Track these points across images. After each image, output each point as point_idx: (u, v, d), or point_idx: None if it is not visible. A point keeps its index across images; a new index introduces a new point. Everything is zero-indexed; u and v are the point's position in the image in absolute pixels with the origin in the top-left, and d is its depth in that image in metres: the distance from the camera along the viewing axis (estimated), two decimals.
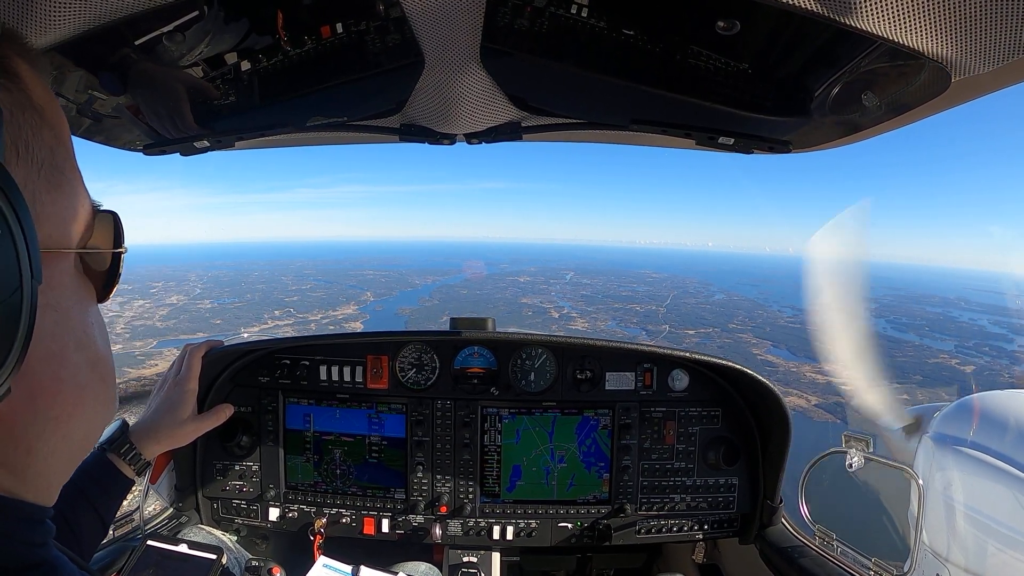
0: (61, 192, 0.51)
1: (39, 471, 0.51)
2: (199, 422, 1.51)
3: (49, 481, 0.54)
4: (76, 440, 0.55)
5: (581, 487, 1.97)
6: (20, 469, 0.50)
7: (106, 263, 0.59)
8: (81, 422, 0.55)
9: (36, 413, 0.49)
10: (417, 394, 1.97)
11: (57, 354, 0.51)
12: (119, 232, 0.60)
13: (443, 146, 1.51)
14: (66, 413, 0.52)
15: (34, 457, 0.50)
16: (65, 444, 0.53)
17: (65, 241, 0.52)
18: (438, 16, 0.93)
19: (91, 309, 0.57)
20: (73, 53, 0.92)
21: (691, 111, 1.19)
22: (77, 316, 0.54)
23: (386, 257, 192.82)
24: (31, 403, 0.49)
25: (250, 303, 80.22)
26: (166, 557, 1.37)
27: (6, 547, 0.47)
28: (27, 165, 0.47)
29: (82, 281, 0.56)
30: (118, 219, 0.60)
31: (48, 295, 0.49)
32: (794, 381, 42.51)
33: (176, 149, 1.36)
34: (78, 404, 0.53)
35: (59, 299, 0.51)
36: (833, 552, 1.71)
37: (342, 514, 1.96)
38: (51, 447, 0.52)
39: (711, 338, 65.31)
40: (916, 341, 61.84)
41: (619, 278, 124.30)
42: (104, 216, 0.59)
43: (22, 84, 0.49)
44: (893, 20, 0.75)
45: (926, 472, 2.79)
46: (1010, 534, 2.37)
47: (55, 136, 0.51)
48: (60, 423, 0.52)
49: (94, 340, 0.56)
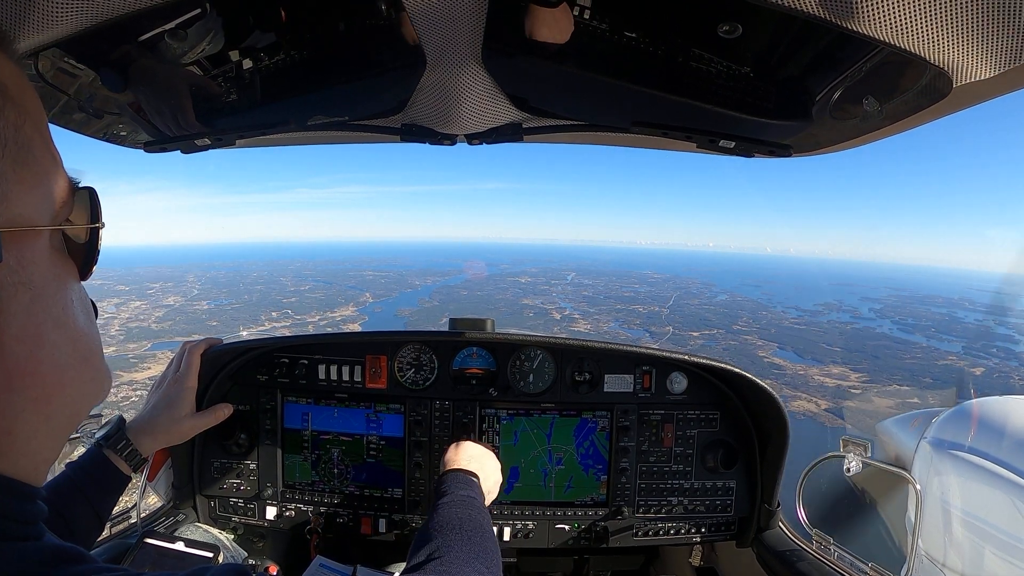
0: (29, 170, 0.51)
1: (22, 451, 0.51)
2: (197, 420, 1.50)
3: (34, 462, 0.53)
4: (59, 421, 0.55)
5: (579, 489, 1.96)
6: (2, 449, 0.49)
7: (83, 239, 0.58)
8: (64, 402, 0.54)
9: (12, 392, 0.49)
10: (416, 394, 1.97)
11: (32, 332, 0.50)
12: (95, 207, 0.60)
13: (444, 146, 1.51)
14: (46, 394, 0.52)
15: (15, 438, 0.50)
16: (47, 424, 0.53)
17: (36, 219, 0.52)
18: (440, 16, 0.93)
19: (71, 286, 0.57)
20: (74, 50, 0.92)
21: (692, 114, 1.19)
22: (54, 294, 0.53)
23: (386, 258, 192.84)
24: (7, 383, 0.48)
25: (247, 304, 79.99)
26: (163, 555, 1.37)
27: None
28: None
29: (60, 259, 0.56)
30: (95, 194, 0.60)
31: (20, 273, 0.49)
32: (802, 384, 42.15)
33: (177, 147, 1.35)
34: (58, 384, 0.53)
35: (32, 277, 0.51)
36: (830, 556, 1.71)
37: (339, 513, 1.96)
38: (32, 427, 0.51)
39: (716, 340, 64.95)
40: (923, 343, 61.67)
41: (621, 279, 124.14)
42: (81, 193, 0.59)
43: None
44: (895, 25, 0.75)
45: (924, 477, 2.80)
46: (1007, 539, 2.37)
47: (21, 114, 0.51)
48: (40, 404, 0.51)
49: (74, 318, 0.56)
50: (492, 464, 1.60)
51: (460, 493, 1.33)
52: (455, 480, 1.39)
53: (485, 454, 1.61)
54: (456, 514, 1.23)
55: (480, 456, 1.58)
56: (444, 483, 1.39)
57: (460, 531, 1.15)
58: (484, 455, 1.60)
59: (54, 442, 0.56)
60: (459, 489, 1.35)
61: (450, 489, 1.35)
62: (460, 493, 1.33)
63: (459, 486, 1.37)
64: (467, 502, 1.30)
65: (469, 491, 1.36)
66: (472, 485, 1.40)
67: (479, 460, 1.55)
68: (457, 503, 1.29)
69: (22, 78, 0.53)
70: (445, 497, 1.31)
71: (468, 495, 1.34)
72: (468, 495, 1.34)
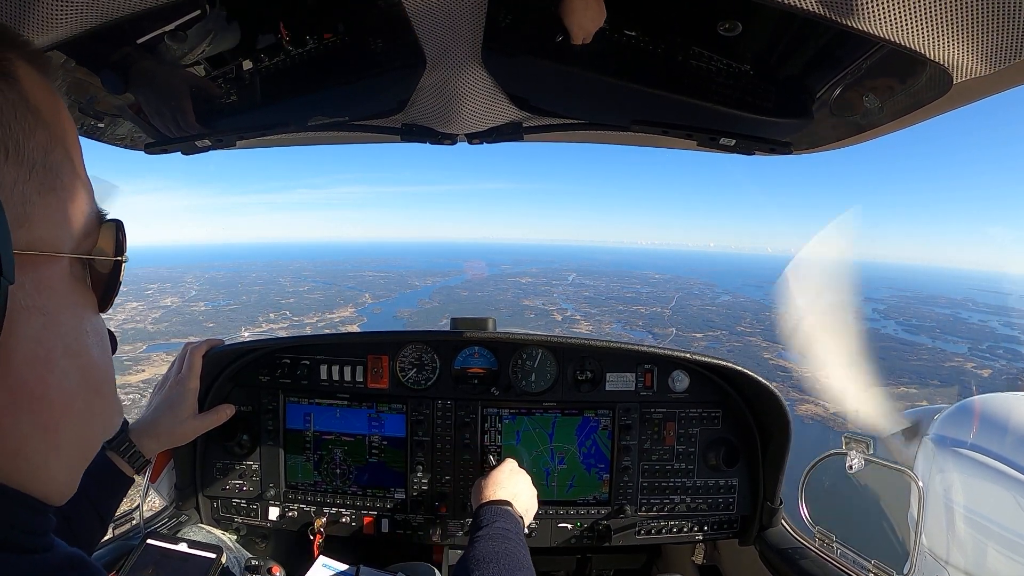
0: (56, 196, 0.50)
1: (35, 476, 0.50)
2: (199, 421, 1.51)
3: (48, 486, 0.53)
4: (70, 449, 0.54)
5: (581, 488, 1.96)
6: (12, 471, 0.48)
7: (107, 270, 0.58)
8: (72, 431, 0.53)
9: (19, 415, 0.48)
10: (417, 394, 1.97)
11: (43, 358, 0.49)
12: (121, 241, 0.59)
13: (444, 146, 1.51)
14: (53, 420, 0.51)
15: (25, 461, 0.49)
16: (57, 453, 0.52)
17: (57, 245, 0.51)
18: (440, 16, 0.93)
19: (88, 317, 0.56)
20: (74, 51, 0.92)
21: (692, 112, 1.19)
22: (68, 322, 0.52)
23: (386, 258, 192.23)
24: (13, 404, 0.47)
25: (245, 305, 79.37)
26: (166, 556, 1.37)
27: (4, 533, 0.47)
28: (17, 166, 0.46)
29: (79, 288, 0.55)
30: (121, 228, 0.59)
31: (36, 297, 0.48)
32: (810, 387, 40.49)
33: (177, 148, 1.36)
34: (66, 411, 0.52)
35: (47, 303, 0.50)
36: (833, 554, 1.71)
37: (342, 514, 1.96)
38: (42, 455, 0.50)
39: (720, 341, 64.23)
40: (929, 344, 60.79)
41: (622, 279, 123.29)
42: (108, 224, 0.58)
43: (18, 85, 0.48)
44: (895, 22, 0.75)
45: (926, 474, 2.79)
46: (1010, 536, 2.36)
47: (52, 138, 0.50)
48: (49, 431, 0.50)
49: (87, 348, 0.55)
50: (523, 484, 1.63)
51: (496, 526, 1.36)
52: (490, 513, 1.43)
53: (512, 475, 1.64)
54: (493, 548, 1.26)
55: (506, 481, 1.60)
56: (480, 516, 1.42)
57: (497, 564, 1.19)
58: (511, 477, 1.63)
59: (70, 472, 0.56)
60: (495, 521, 1.38)
61: (485, 522, 1.38)
62: (496, 526, 1.36)
63: (494, 518, 1.40)
64: (503, 535, 1.33)
65: (503, 522, 1.39)
66: (507, 516, 1.42)
67: (508, 486, 1.58)
68: (493, 536, 1.32)
69: (58, 102, 0.53)
70: (481, 531, 1.34)
71: (503, 527, 1.36)
72: (503, 527, 1.36)
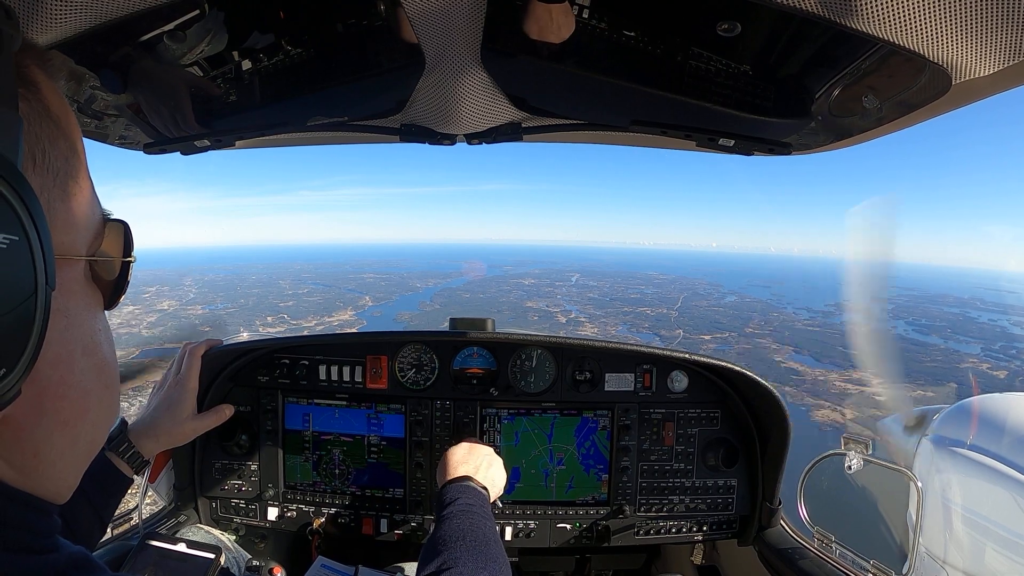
0: (74, 200, 0.52)
1: (46, 474, 0.52)
2: (198, 421, 1.50)
3: (57, 484, 0.55)
4: (82, 445, 0.56)
5: (580, 488, 1.96)
6: (28, 470, 0.50)
7: (115, 271, 0.60)
8: (87, 427, 0.56)
9: (43, 415, 0.50)
10: (416, 394, 1.97)
11: (65, 359, 0.52)
12: (128, 241, 0.62)
13: (444, 147, 1.51)
14: (73, 417, 0.53)
15: (41, 460, 0.51)
16: (72, 449, 0.54)
17: (76, 248, 0.53)
18: (439, 16, 0.93)
19: (98, 316, 0.59)
20: (74, 51, 0.92)
21: (692, 112, 1.19)
22: (85, 322, 0.55)
23: (386, 260, 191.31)
24: (39, 406, 0.49)
25: (242, 308, 78.43)
26: (165, 556, 1.37)
27: (13, 535, 0.48)
28: (43, 174, 0.48)
29: (90, 288, 0.57)
30: (128, 228, 0.62)
31: (59, 300, 0.50)
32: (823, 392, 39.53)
33: (176, 148, 1.35)
34: (84, 409, 0.54)
35: (68, 305, 0.52)
36: (832, 554, 1.71)
37: (341, 514, 1.96)
38: (59, 451, 0.52)
39: (729, 343, 63.00)
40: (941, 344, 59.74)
41: (626, 280, 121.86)
42: (114, 225, 0.60)
43: (40, 94, 0.50)
44: (894, 22, 0.75)
45: (925, 474, 2.80)
46: (1008, 536, 2.37)
47: (70, 146, 0.53)
48: (68, 427, 0.53)
49: (100, 346, 0.57)
50: (484, 457, 1.59)
51: (459, 503, 1.34)
52: (451, 491, 1.40)
53: (471, 451, 1.61)
54: (458, 525, 1.24)
55: (466, 456, 1.57)
56: (443, 495, 1.39)
57: (463, 541, 1.17)
58: (470, 453, 1.60)
59: (76, 468, 0.58)
60: (457, 498, 1.36)
61: (448, 500, 1.36)
62: (459, 503, 1.34)
63: (456, 495, 1.37)
64: (467, 511, 1.31)
65: (466, 498, 1.36)
66: (468, 491, 1.40)
67: (470, 460, 1.56)
68: (458, 514, 1.29)
69: (68, 106, 0.55)
70: (445, 509, 1.32)
71: (467, 503, 1.34)
72: (467, 503, 1.34)
